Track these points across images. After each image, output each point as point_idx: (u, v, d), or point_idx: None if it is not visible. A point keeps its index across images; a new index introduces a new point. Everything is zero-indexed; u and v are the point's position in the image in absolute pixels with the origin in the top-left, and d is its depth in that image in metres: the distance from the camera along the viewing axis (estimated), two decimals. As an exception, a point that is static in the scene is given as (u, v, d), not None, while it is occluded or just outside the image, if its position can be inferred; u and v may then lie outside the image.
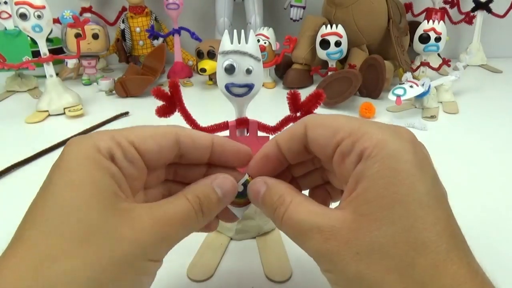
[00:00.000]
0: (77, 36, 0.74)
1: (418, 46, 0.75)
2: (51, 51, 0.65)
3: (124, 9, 0.96)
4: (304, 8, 0.94)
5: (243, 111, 0.30)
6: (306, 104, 0.27)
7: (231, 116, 0.30)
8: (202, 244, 0.33)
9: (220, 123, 0.30)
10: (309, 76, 0.84)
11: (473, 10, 0.97)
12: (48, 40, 0.84)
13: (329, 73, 0.76)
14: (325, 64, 0.79)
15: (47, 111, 0.66)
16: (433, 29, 0.73)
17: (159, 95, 0.26)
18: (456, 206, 0.18)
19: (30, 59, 0.68)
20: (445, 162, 0.24)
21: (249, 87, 0.28)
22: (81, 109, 0.66)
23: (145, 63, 0.82)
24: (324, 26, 0.75)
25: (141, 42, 0.91)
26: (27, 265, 0.16)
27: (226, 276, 0.30)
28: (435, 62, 0.83)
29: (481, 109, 0.69)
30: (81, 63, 0.86)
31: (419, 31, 0.75)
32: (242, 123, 0.30)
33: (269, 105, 0.73)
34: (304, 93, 0.26)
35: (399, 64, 0.76)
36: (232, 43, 0.27)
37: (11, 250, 0.17)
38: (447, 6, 0.98)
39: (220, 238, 0.34)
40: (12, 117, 0.66)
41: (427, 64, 0.78)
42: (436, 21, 0.73)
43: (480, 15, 0.97)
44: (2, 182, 0.46)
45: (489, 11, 0.96)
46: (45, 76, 0.66)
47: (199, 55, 0.81)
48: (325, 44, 0.74)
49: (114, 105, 0.72)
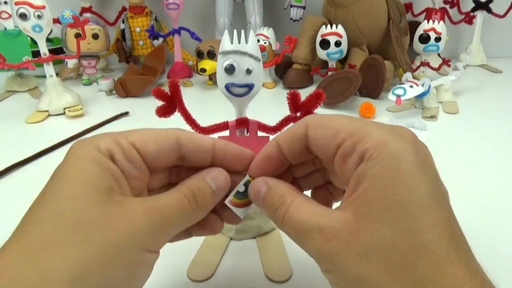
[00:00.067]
0: (77, 36, 0.74)
1: (418, 46, 0.75)
2: (51, 51, 0.65)
3: (124, 9, 0.96)
4: (304, 8, 0.94)
5: (243, 111, 0.30)
6: (306, 104, 0.27)
7: (231, 116, 0.30)
8: (202, 244, 0.33)
9: (220, 123, 0.30)
10: (309, 76, 0.84)
11: (473, 10, 0.97)
12: (48, 40, 0.84)
13: (329, 73, 0.76)
14: (325, 64, 0.79)
15: (47, 111, 0.66)
16: (433, 29, 0.73)
17: (159, 95, 0.26)
18: (456, 206, 0.18)
19: (30, 59, 0.68)
20: (445, 162, 0.24)
21: (249, 87, 0.28)
22: (81, 109, 0.66)
23: (145, 63, 0.82)
24: (324, 26, 0.75)
25: (141, 42, 0.91)
26: (20, 253, 0.16)
27: (226, 276, 0.30)
28: (435, 62, 0.83)
29: (481, 109, 0.69)
30: (81, 63, 0.86)
31: (419, 31, 0.75)
32: (242, 123, 0.30)
33: (269, 105, 0.73)
34: (304, 93, 0.26)
35: (399, 64, 0.76)
36: (232, 43, 0.27)
37: (8, 242, 0.17)
38: (447, 6, 0.98)
39: (220, 238, 0.34)
40: (12, 117, 0.67)
41: (427, 64, 0.78)
42: (436, 21, 0.73)
43: (480, 15, 0.97)
44: (2, 182, 0.46)
45: (489, 11, 0.96)
46: (45, 76, 0.66)
47: (199, 55, 0.81)
48: (325, 44, 0.74)
49: (114, 105, 0.72)
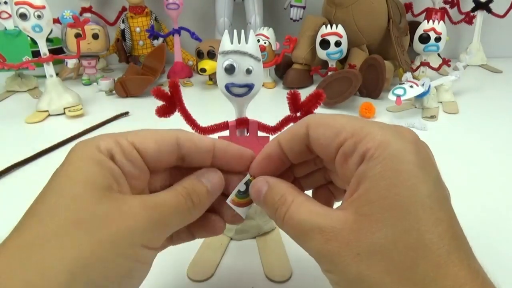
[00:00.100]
0: (77, 36, 0.74)
1: (418, 46, 0.75)
2: (51, 51, 0.65)
3: (124, 9, 0.96)
4: (304, 8, 0.94)
5: (243, 111, 0.30)
6: (306, 104, 0.27)
7: (231, 116, 0.30)
8: (202, 244, 0.33)
9: (220, 123, 0.30)
10: (309, 76, 0.84)
11: (473, 10, 0.97)
12: (48, 40, 0.84)
13: (329, 73, 0.76)
14: (325, 64, 0.79)
15: (47, 111, 0.66)
16: (433, 29, 0.73)
17: (159, 95, 0.26)
18: (456, 206, 0.18)
19: (30, 59, 0.68)
20: (445, 162, 0.24)
21: (249, 87, 0.28)
22: (81, 109, 0.66)
23: (145, 63, 0.82)
24: (324, 26, 0.75)
25: (141, 42, 0.91)
26: (20, 248, 0.17)
27: (226, 276, 0.30)
28: (435, 62, 0.83)
29: (481, 109, 0.69)
30: (81, 63, 0.86)
31: (419, 31, 0.75)
32: (242, 123, 0.30)
33: (269, 105, 0.73)
34: (304, 93, 0.26)
35: (399, 64, 0.76)
36: (232, 43, 0.27)
37: (8, 238, 0.18)
38: (447, 6, 0.98)
39: (220, 238, 0.34)
40: (12, 117, 0.67)
41: (427, 64, 0.78)
42: (436, 21, 0.73)
43: (480, 15, 0.97)
44: (2, 182, 0.46)
45: (489, 11, 0.96)
46: (45, 76, 0.66)
47: (199, 55, 0.81)
48: (325, 44, 0.74)
49: (114, 105, 0.72)
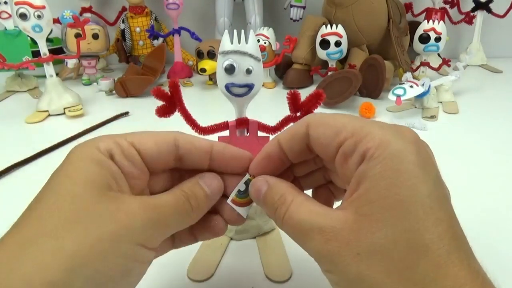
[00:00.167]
0: (77, 36, 0.74)
1: (418, 46, 0.75)
2: (51, 51, 0.65)
3: (124, 9, 0.96)
4: (304, 8, 0.94)
5: (243, 111, 0.30)
6: (306, 104, 0.27)
7: (231, 116, 0.30)
8: (202, 244, 0.33)
9: (220, 123, 0.30)
10: (309, 76, 0.84)
11: (473, 10, 0.97)
12: (48, 40, 0.84)
13: (329, 73, 0.76)
14: (325, 64, 0.79)
15: (47, 111, 0.66)
16: (433, 29, 0.73)
17: (159, 95, 0.26)
18: (456, 206, 0.18)
19: (30, 59, 0.68)
20: (445, 162, 0.24)
21: (249, 87, 0.28)
22: (81, 109, 0.66)
23: (145, 63, 0.82)
24: (324, 26, 0.75)
25: (141, 42, 0.91)
26: (18, 243, 0.17)
27: (226, 276, 0.30)
28: (435, 62, 0.83)
29: (481, 109, 0.69)
30: (81, 63, 0.86)
31: (419, 31, 0.75)
32: (242, 123, 0.30)
33: (269, 105, 0.73)
34: (304, 93, 0.26)
35: (399, 64, 0.76)
36: (232, 43, 0.27)
37: (6, 234, 0.18)
38: (447, 6, 0.98)
39: (220, 238, 0.34)
40: (12, 117, 0.67)
41: (427, 64, 0.78)
42: (436, 21, 0.73)
43: (480, 15, 0.97)
44: (2, 182, 0.46)
45: (489, 11, 0.96)
46: (45, 76, 0.66)
47: (199, 55, 0.81)
48: (325, 44, 0.74)
49: (114, 105, 0.72)
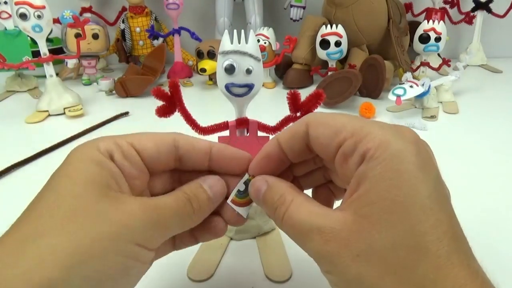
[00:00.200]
0: (77, 36, 0.74)
1: (418, 46, 0.75)
2: (51, 51, 0.65)
3: (124, 9, 0.96)
4: (304, 8, 0.94)
5: (243, 111, 0.30)
6: (306, 104, 0.27)
7: (231, 116, 0.30)
8: (202, 244, 0.33)
9: (220, 123, 0.30)
10: (309, 76, 0.84)
11: (473, 10, 0.97)
12: (48, 40, 0.84)
13: (329, 73, 0.76)
14: (325, 64, 0.79)
15: (47, 111, 0.66)
16: (433, 29, 0.73)
17: (159, 95, 0.26)
18: (456, 206, 0.18)
19: (30, 59, 0.68)
20: (445, 162, 0.24)
21: (249, 87, 0.28)
22: (81, 109, 0.66)
23: (145, 63, 0.82)
24: (324, 26, 0.75)
25: (141, 42, 0.91)
26: (17, 241, 0.17)
27: (226, 276, 0.30)
28: (435, 62, 0.83)
29: (481, 109, 0.69)
30: (81, 63, 0.86)
31: (419, 31, 0.75)
32: (242, 123, 0.30)
33: (269, 105, 0.73)
34: (304, 93, 0.26)
35: (399, 64, 0.76)
36: (232, 43, 0.27)
37: (6, 232, 0.18)
38: (447, 6, 0.98)
39: (220, 238, 0.33)
40: (12, 117, 0.67)
41: (427, 64, 0.78)
42: (436, 21, 0.73)
43: (480, 15, 0.97)
44: (2, 182, 0.46)
45: (489, 11, 0.96)
46: (45, 76, 0.66)
47: (199, 55, 0.81)
48: (325, 44, 0.74)
49: (114, 105, 0.72)
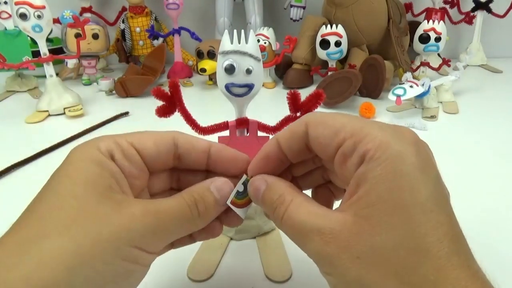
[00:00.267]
0: (77, 36, 0.74)
1: (418, 46, 0.75)
2: (51, 51, 0.65)
3: (124, 9, 0.96)
4: (304, 8, 0.94)
5: (243, 111, 0.30)
6: (306, 104, 0.27)
7: (231, 116, 0.30)
8: (202, 244, 0.33)
9: (220, 123, 0.30)
10: (309, 76, 0.84)
11: (473, 10, 0.97)
12: (48, 40, 0.84)
13: (329, 73, 0.76)
14: (325, 64, 0.79)
15: (47, 111, 0.66)
16: (433, 29, 0.73)
17: (159, 95, 0.26)
18: (456, 206, 0.18)
19: (30, 59, 0.68)
20: (445, 162, 0.24)
21: (249, 87, 0.28)
22: (81, 109, 0.66)
23: (145, 63, 0.82)
24: (324, 26, 0.75)
25: (141, 42, 0.91)
26: (18, 243, 0.17)
27: (226, 276, 0.30)
28: (435, 62, 0.83)
29: (481, 109, 0.69)
30: (81, 63, 0.86)
31: (419, 31, 0.75)
32: (242, 123, 0.30)
33: (269, 105, 0.73)
34: (304, 93, 0.26)
35: (399, 64, 0.76)
36: (232, 43, 0.27)
37: (6, 233, 0.18)
38: (447, 6, 0.98)
39: (220, 238, 0.34)
40: (12, 117, 0.66)
41: (427, 64, 0.78)
42: (436, 21, 0.73)
43: (480, 15, 0.97)
44: (2, 182, 0.46)
45: (489, 11, 0.96)
46: (45, 76, 0.66)
47: (199, 55, 0.81)
48: (325, 44, 0.74)
49: (114, 105, 0.72)
